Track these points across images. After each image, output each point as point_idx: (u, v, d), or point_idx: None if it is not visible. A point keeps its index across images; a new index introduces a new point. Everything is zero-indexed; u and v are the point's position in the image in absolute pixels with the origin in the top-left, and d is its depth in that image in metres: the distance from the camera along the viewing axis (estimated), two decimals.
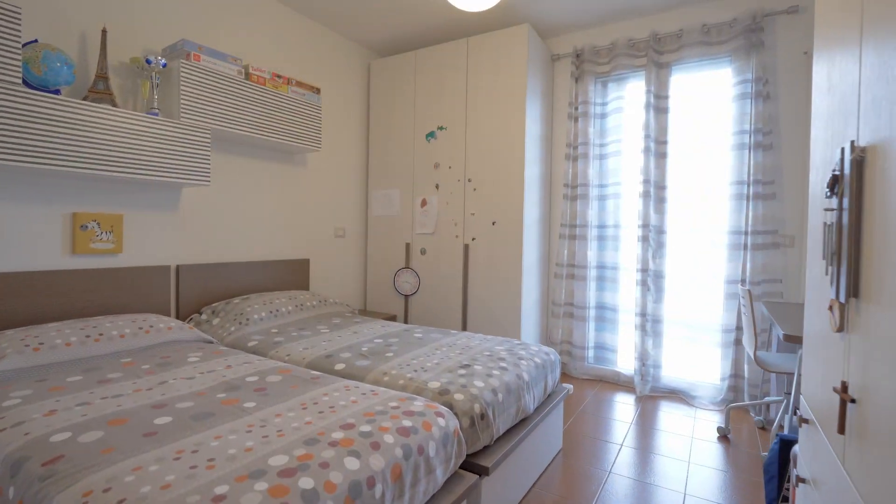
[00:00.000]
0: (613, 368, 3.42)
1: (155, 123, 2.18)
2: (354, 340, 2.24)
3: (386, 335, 2.36)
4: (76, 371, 1.67)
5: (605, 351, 3.49)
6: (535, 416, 1.91)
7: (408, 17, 3.31)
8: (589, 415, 2.78)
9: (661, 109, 3.18)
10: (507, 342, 2.28)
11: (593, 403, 2.97)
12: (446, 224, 3.46)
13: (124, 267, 2.32)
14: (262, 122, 2.69)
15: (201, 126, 2.37)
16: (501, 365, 1.88)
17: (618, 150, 3.39)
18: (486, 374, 1.75)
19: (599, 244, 3.48)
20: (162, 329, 2.08)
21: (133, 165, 2.11)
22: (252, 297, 2.70)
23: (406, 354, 2.00)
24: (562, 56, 3.57)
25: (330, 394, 1.51)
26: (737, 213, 2.94)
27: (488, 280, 3.28)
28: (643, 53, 3.25)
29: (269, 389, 1.55)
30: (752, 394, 2.87)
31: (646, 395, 3.15)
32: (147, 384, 1.57)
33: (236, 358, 1.90)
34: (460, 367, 1.82)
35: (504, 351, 2.09)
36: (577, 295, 3.47)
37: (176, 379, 1.62)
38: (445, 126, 3.45)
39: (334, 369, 1.87)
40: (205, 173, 2.40)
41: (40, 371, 1.65)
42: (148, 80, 2.28)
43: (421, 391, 1.62)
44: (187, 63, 2.31)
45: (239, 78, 2.56)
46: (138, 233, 2.40)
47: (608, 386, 3.33)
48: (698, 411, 2.88)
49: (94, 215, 2.21)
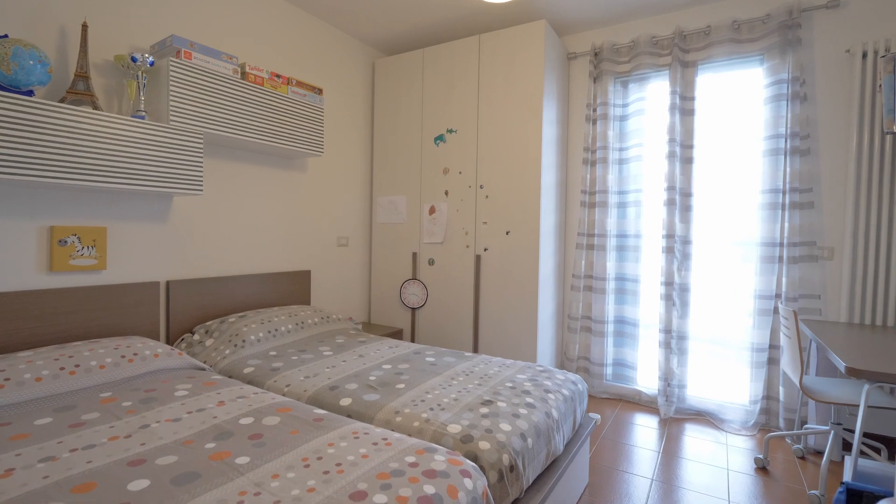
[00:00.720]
0: (634, 387, 3.21)
1: (141, 127, 1.98)
2: (360, 366, 2.04)
3: (395, 359, 2.15)
4: (47, 411, 1.47)
5: (625, 368, 3.28)
6: (564, 457, 1.70)
7: (415, 11, 3.10)
8: (613, 441, 2.58)
9: (687, 111, 2.98)
10: (529, 368, 2.07)
11: (616, 427, 2.77)
12: (456, 233, 3.25)
13: (108, 284, 2.12)
14: (260, 125, 2.49)
15: (193, 130, 2.16)
16: (528, 400, 1.67)
17: (639, 155, 3.18)
18: (511, 414, 1.55)
19: (619, 254, 3.28)
20: (148, 357, 1.87)
21: (117, 174, 1.91)
22: (249, 314, 2.49)
23: (419, 386, 1.79)
24: (579, 54, 3.36)
25: (336, 443, 1.30)
26: (770, 224, 2.73)
27: (502, 293, 3.08)
28: (667, 52, 3.04)
29: (265, 436, 1.34)
30: (787, 418, 2.67)
31: (670, 417, 2.95)
32: (126, 429, 1.36)
33: (230, 391, 1.69)
34: (482, 404, 1.62)
35: (528, 381, 1.88)
36: (595, 308, 3.26)
37: (159, 422, 1.42)
38: (455, 129, 3.25)
39: (340, 405, 1.66)
40: (197, 181, 2.19)
41: (5, 412, 1.45)
42: (134, 80, 2.07)
43: (440, 437, 1.42)
44: (177, 61, 2.10)
45: (234, 77, 2.35)
46: (124, 247, 2.19)
47: (629, 406, 3.13)
48: (729, 437, 2.67)
49: (73, 229, 2.00)
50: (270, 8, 2.87)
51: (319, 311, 2.81)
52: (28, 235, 1.89)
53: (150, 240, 2.29)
